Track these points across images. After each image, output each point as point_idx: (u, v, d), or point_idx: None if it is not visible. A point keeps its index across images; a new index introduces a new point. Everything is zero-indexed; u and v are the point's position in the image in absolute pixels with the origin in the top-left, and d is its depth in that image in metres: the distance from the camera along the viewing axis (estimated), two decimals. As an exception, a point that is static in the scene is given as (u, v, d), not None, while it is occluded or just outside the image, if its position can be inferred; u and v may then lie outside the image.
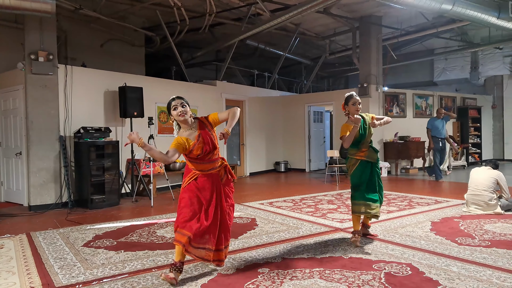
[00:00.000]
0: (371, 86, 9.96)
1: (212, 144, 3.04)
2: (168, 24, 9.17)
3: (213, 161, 3.09)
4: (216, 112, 3.22)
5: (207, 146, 3.01)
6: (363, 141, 3.89)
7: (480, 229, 4.42)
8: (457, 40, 11.89)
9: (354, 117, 3.74)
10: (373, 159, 3.92)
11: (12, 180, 6.88)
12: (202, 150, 3.00)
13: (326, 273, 3.09)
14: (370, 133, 3.94)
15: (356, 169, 3.94)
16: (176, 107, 3.03)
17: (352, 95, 3.92)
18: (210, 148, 3.03)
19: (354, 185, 3.96)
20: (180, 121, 3.06)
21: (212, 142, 3.05)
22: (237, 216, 5.38)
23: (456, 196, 6.58)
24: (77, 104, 6.76)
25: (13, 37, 7.53)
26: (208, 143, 3.02)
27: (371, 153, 3.93)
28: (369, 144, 3.95)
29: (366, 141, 3.91)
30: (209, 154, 3.05)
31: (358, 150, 3.92)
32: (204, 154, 3.02)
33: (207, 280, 3.00)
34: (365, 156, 3.90)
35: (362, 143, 3.90)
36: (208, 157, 3.05)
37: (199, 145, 2.99)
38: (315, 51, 13.31)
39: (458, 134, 12.16)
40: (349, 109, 3.90)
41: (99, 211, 6.05)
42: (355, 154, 3.94)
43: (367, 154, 3.91)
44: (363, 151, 3.91)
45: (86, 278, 3.09)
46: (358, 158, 3.92)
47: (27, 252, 3.85)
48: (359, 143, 3.90)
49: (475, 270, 3.10)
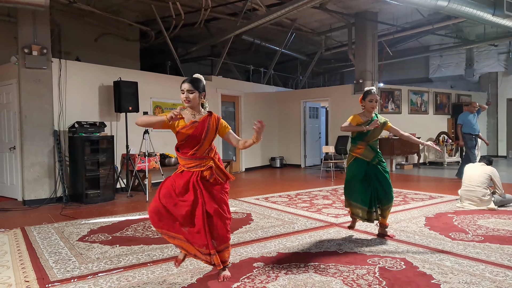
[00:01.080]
0: (366, 83, 9.97)
1: (198, 137, 2.82)
2: (163, 18, 9.11)
3: (197, 158, 2.84)
4: (230, 128, 2.99)
5: (192, 137, 2.81)
6: (364, 138, 3.90)
7: (474, 224, 4.46)
8: (452, 37, 11.95)
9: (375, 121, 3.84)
10: (367, 158, 3.88)
11: (6, 174, 6.84)
12: (187, 137, 2.82)
13: (321, 267, 3.11)
14: (376, 135, 3.93)
15: (350, 164, 3.97)
16: (183, 91, 2.88)
17: (370, 91, 3.92)
18: (194, 140, 2.82)
19: (346, 181, 4.01)
20: (185, 106, 2.91)
21: (199, 136, 2.82)
22: (233, 211, 5.38)
23: (450, 191, 6.63)
24: (71, 98, 6.71)
25: (6, 31, 7.46)
26: (196, 134, 2.81)
27: (367, 151, 3.89)
28: (369, 143, 3.91)
29: (366, 140, 3.90)
30: (193, 149, 2.83)
31: (355, 147, 3.94)
32: (187, 146, 2.84)
33: (202, 274, 3.01)
34: (360, 153, 3.89)
35: (362, 140, 3.90)
36: (192, 152, 2.84)
37: (187, 130, 2.81)
38: (310, 47, 13.30)
39: (452, 131, 12.23)
40: (365, 104, 3.93)
41: (94, 206, 6.03)
42: (352, 150, 3.97)
43: (362, 152, 3.89)
44: (360, 148, 3.90)
45: (81, 273, 3.09)
46: (353, 155, 3.95)
47: (21, 247, 3.84)
48: (359, 139, 3.92)
49: (468, 264, 3.12)
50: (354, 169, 3.92)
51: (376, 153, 3.92)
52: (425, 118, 11.64)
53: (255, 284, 2.79)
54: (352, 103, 10.19)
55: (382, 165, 3.93)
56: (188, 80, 2.90)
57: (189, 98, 2.85)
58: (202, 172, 2.85)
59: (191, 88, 2.86)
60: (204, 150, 2.87)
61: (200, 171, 2.85)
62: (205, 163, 2.86)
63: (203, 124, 2.86)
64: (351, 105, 10.21)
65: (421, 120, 11.49)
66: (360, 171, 3.87)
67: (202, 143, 2.84)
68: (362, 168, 3.88)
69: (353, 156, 3.95)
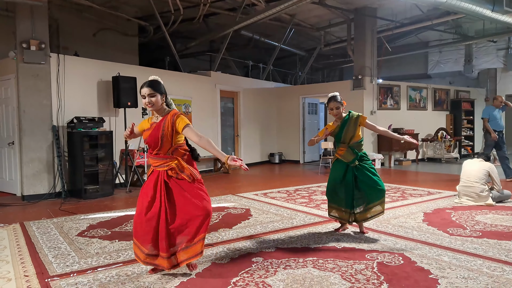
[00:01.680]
0: (365, 78, 9.98)
1: (155, 140, 2.85)
2: (162, 13, 9.07)
3: (161, 158, 2.88)
4: (189, 124, 2.85)
5: (151, 137, 2.87)
6: (340, 140, 3.95)
7: (472, 220, 4.48)
8: (451, 33, 11.93)
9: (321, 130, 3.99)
10: (347, 160, 3.89)
11: (5, 170, 6.83)
12: (148, 138, 2.90)
13: (319, 262, 3.12)
14: (349, 133, 3.90)
15: (332, 165, 4.08)
16: (144, 96, 2.90)
17: (332, 98, 3.92)
18: (151, 141, 2.88)
19: (328, 182, 4.06)
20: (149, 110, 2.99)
21: (156, 138, 2.85)
22: (231, 207, 5.40)
23: (448, 187, 6.65)
24: (70, 93, 6.70)
25: (4, 25, 7.42)
26: (153, 134, 2.86)
27: (347, 153, 3.90)
28: (349, 145, 3.90)
29: (344, 140, 3.92)
30: (154, 149, 2.89)
31: (338, 148, 4.00)
32: (150, 146, 2.92)
33: (201, 269, 3.02)
34: (341, 155, 3.94)
35: (340, 141, 3.96)
36: (154, 152, 2.90)
37: (147, 132, 2.91)
38: (310, 43, 13.27)
39: (451, 127, 12.25)
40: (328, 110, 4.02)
41: (92, 201, 6.03)
42: (336, 152, 4.06)
43: (343, 154, 3.92)
44: (341, 149, 3.95)
45: (80, 267, 3.10)
46: (336, 156, 4.02)
47: (21, 242, 3.84)
48: (338, 142, 4.00)
49: (465, 260, 3.14)
50: (334, 170, 4.00)
51: (356, 155, 3.89)
52: (424, 114, 11.65)
53: (254, 279, 2.81)
54: (351, 99, 10.19)
55: (365, 164, 3.92)
56: (147, 84, 2.91)
57: (151, 102, 2.87)
58: (167, 172, 2.87)
59: (151, 92, 2.87)
60: (166, 149, 2.88)
61: (165, 170, 2.87)
62: (168, 163, 2.86)
63: (160, 124, 2.88)
64: (350, 101, 10.18)
65: (420, 116, 11.50)
66: (340, 173, 3.92)
67: (161, 142, 2.85)
68: (342, 169, 3.93)
69: (335, 157, 4.04)
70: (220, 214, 4.96)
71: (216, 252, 3.42)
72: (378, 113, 10.29)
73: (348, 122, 3.91)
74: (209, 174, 9.22)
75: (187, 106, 8.96)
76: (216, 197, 6.16)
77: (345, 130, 3.90)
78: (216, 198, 6.08)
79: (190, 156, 2.99)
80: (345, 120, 3.93)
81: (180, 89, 8.81)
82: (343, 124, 3.93)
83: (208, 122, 9.45)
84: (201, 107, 9.24)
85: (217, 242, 3.72)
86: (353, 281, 2.74)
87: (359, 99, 10.05)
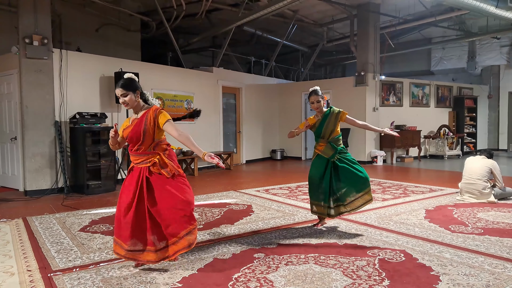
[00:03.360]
0: (368, 75, 9.94)
1: (137, 135, 2.86)
2: (164, 9, 9.06)
3: (142, 154, 2.90)
4: (170, 119, 2.90)
5: (133, 133, 2.87)
6: (319, 135, 3.97)
7: (474, 217, 4.47)
8: (455, 29, 11.87)
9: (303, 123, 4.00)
10: (326, 155, 3.91)
11: (7, 165, 6.86)
12: (129, 135, 2.89)
13: (321, 258, 3.13)
14: (330, 128, 3.94)
15: (312, 162, 4.06)
16: (119, 97, 2.92)
17: (312, 92, 3.95)
18: (133, 137, 2.87)
19: (308, 178, 4.05)
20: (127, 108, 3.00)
21: (138, 133, 2.86)
22: (233, 203, 5.41)
23: (450, 184, 6.64)
24: (72, 89, 6.70)
25: (6, 20, 7.42)
26: (135, 130, 2.86)
27: (327, 149, 3.93)
28: (328, 140, 3.94)
29: (323, 136, 3.94)
30: (135, 145, 2.90)
31: (318, 144, 4.01)
32: (131, 143, 2.91)
33: (203, 264, 3.03)
34: (321, 150, 3.95)
35: (320, 137, 3.97)
36: (135, 148, 2.90)
37: (129, 128, 2.90)
38: (312, 39, 13.23)
39: (453, 124, 12.22)
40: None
41: (95, 197, 6.06)
42: (315, 147, 4.05)
43: (322, 150, 3.94)
44: (321, 145, 3.96)
45: (83, 262, 3.11)
46: (315, 152, 4.03)
47: (23, 236, 3.86)
48: (317, 137, 4.00)
49: (467, 256, 3.14)
50: (314, 166, 4.00)
51: (335, 150, 3.93)
52: (427, 111, 11.62)
53: (255, 274, 2.82)
54: (354, 96, 10.18)
55: (344, 157, 3.95)
56: (119, 85, 2.90)
57: (125, 101, 2.90)
58: (149, 168, 2.87)
59: (123, 92, 2.88)
60: (147, 145, 2.90)
61: (147, 167, 2.87)
62: (150, 158, 2.88)
63: (142, 119, 2.89)
64: (353, 97, 10.20)
65: (422, 113, 11.47)
66: (320, 170, 3.93)
67: (143, 138, 2.86)
68: (322, 166, 3.93)
69: (315, 153, 4.03)
70: (222, 210, 4.97)
71: (218, 248, 3.42)
72: (380, 109, 10.27)
73: (329, 117, 3.96)
74: (211, 171, 9.23)
75: (189, 102, 8.96)
76: (218, 193, 6.17)
77: (326, 124, 3.94)
78: (218, 194, 6.09)
79: (171, 151, 3.03)
80: (326, 114, 3.97)
81: (182, 85, 8.80)
82: (324, 118, 3.97)
83: (210, 118, 9.45)
84: (203, 103, 9.23)
85: (219, 238, 3.73)
86: (354, 278, 2.74)
87: (361, 96, 10.03)
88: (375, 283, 2.65)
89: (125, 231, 2.83)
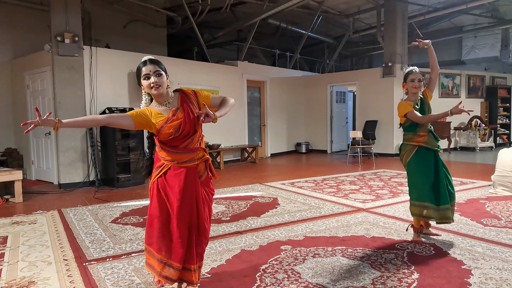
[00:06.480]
0: (395, 66, 9.73)
1: (192, 124, 2.25)
2: (190, 4, 9.14)
3: (191, 150, 2.28)
4: (210, 94, 2.42)
5: (186, 126, 2.22)
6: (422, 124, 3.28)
7: (507, 210, 4.34)
8: (487, 17, 11.42)
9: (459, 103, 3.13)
10: (434, 146, 3.27)
11: (42, 159, 7.14)
12: (179, 129, 2.21)
13: (348, 251, 3.12)
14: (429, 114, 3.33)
15: (412, 157, 3.28)
16: (149, 75, 2.22)
17: (411, 71, 3.32)
18: (189, 130, 2.24)
19: (411, 177, 3.34)
20: (153, 94, 2.27)
21: (193, 121, 2.26)
22: (259, 196, 5.44)
23: (482, 177, 6.45)
24: (102, 85, 6.89)
25: (39, 19, 7.68)
26: (188, 122, 2.22)
27: (430, 138, 3.27)
28: (429, 128, 3.30)
29: (425, 124, 3.29)
30: (186, 140, 2.26)
31: (415, 135, 3.28)
32: (180, 138, 2.23)
33: (231, 255, 3.08)
34: (425, 141, 3.25)
35: (420, 125, 3.27)
36: (185, 144, 2.26)
37: (173, 122, 2.20)
38: (338, 30, 13.04)
39: (486, 115, 11.81)
40: (407, 86, 3.34)
41: (125, 190, 6.23)
42: (411, 140, 3.30)
43: (426, 140, 3.25)
44: (422, 135, 3.26)
45: (115, 252, 3.22)
46: (415, 144, 3.27)
47: (59, 227, 4.03)
48: (417, 125, 3.27)
49: (500, 250, 3.06)
50: (419, 162, 3.26)
51: (437, 138, 3.33)
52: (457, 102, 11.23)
53: (283, 266, 2.84)
54: (381, 87, 9.99)
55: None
56: (149, 61, 2.25)
57: (157, 82, 2.21)
58: (198, 166, 2.33)
59: (157, 69, 2.24)
60: (197, 139, 2.33)
61: (195, 165, 2.31)
62: (199, 156, 2.33)
63: (186, 107, 2.27)
64: (380, 89, 10.01)
65: (453, 104, 10.95)
66: (429, 165, 3.24)
67: (196, 130, 2.30)
68: (430, 160, 3.26)
69: (414, 146, 3.28)
70: (248, 202, 5.01)
71: (245, 240, 3.47)
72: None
73: (425, 101, 3.36)
74: (236, 164, 9.30)
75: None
76: (243, 186, 6.22)
77: (427, 110, 3.33)
78: (244, 187, 6.14)
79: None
80: (421, 99, 3.35)
81: (208, 80, 8.88)
82: (421, 102, 3.34)
83: (235, 112, 9.50)
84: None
85: (245, 230, 3.77)
86: (382, 270, 2.72)
87: (389, 87, 9.83)
88: (404, 276, 2.62)
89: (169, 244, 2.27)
